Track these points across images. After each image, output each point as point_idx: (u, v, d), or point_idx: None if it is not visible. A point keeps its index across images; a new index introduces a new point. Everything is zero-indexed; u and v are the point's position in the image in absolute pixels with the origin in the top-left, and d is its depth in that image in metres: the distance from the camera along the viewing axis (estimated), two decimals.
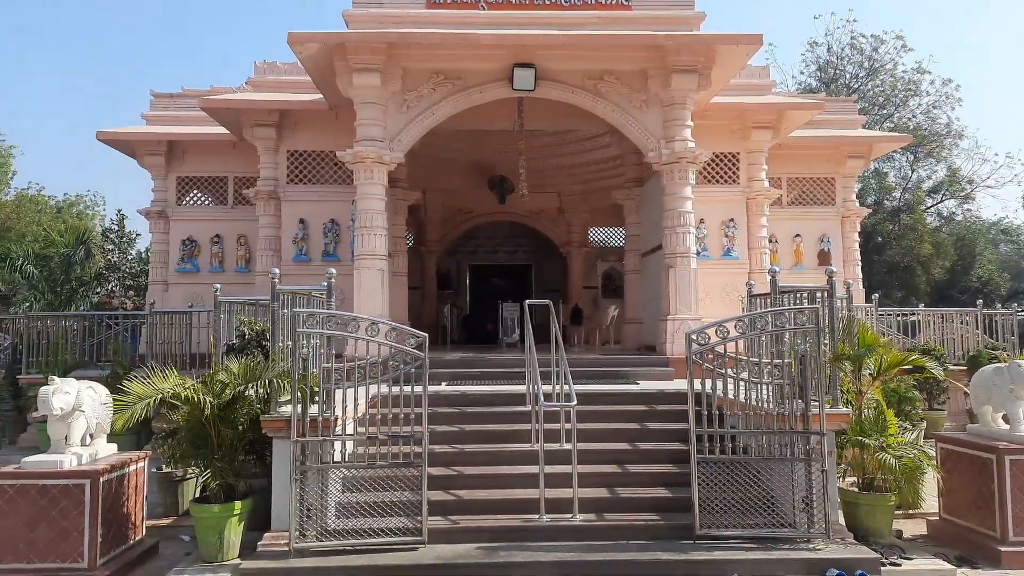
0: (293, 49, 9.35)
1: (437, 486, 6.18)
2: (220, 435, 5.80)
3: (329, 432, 5.77)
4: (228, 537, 5.55)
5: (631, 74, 10.13)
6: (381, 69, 9.54)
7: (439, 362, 9.12)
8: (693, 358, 5.90)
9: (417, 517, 5.64)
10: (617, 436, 7.05)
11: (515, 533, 5.74)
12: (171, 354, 10.46)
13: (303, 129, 12.10)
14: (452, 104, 10.05)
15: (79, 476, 5.41)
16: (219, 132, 12.82)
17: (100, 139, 13.33)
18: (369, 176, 9.79)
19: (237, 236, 13.58)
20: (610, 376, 9.09)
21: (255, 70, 12.49)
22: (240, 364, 6.20)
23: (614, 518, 5.94)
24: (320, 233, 12.08)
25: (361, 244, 9.90)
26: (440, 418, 7.15)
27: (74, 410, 5.60)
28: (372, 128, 9.76)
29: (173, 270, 13.64)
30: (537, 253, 19.87)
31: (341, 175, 11.81)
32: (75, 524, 5.34)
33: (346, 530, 5.61)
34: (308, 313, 6.00)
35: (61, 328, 11.77)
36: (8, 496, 5.35)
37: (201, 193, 13.95)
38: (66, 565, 5.32)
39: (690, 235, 10.02)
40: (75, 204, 39.27)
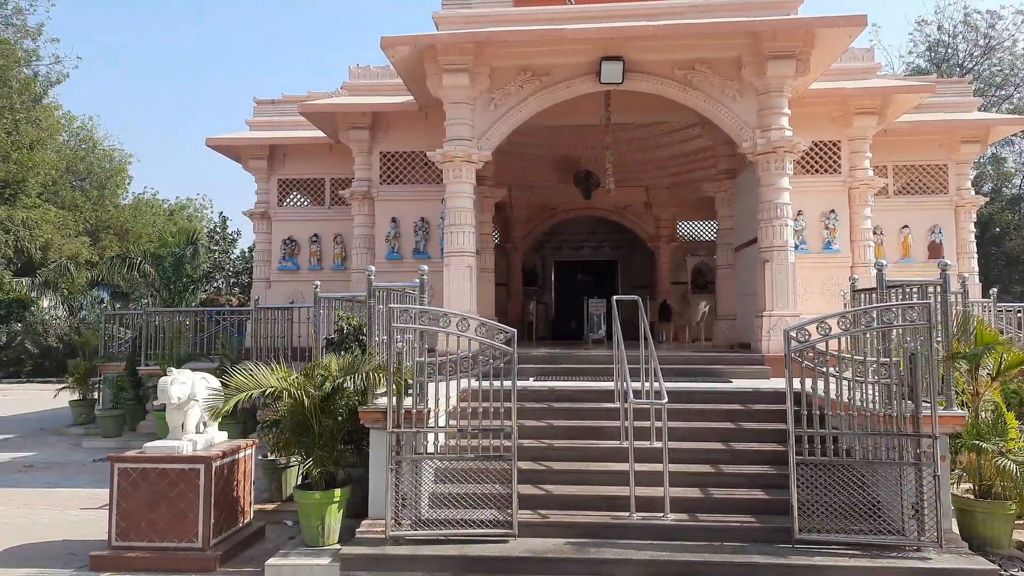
0: (385, 53, 9.63)
1: (526, 480, 6.22)
2: (321, 425, 6.06)
3: (423, 424, 5.93)
4: (329, 523, 5.79)
5: (723, 62, 9.83)
6: (469, 68, 9.67)
7: (526, 358, 9.18)
8: (792, 356, 5.68)
9: (507, 510, 5.71)
10: (710, 435, 6.87)
11: (605, 530, 5.71)
12: (273, 348, 11.02)
13: (395, 130, 12.44)
14: (539, 100, 10.07)
15: (195, 461, 5.79)
16: (317, 136, 13.38)
17: (209, 145, 14.19)
18: (458, 175, 9.95)
19: (334, 235, 14.14)
20: (702, 374, 8.87)
21: (350, 75, 12.94)
22: (339, 358, 6.48)
23: (707, 519, 5.81)
24: (411, 231, 12.39)
25: (450, 242, 10.08)
26: (528, 413, 7.19)
27: (189, 399, 6.01)
28: (460, 127, 9.92)
29: (275, 268, 14.34)
30: (623, 248, 19.63)
31: (431, 174, 12.07)
32: (191, 506, 5.72)
33: (439, 520, 5.75)
34: (402, 309, 6.18)
35: (174, 323, 12.63)
36: (132, 479, 5.79)
37: (300, 194, 14.60)
38: (183, 544, 5.70)
39: (787, 228, 9.63)
40: (185, 207, 42.01)
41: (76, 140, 36.32)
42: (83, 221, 32.38)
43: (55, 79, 34.19)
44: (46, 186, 30.46)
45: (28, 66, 32.26)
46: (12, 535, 6.57)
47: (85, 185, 35.02)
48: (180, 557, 5.63)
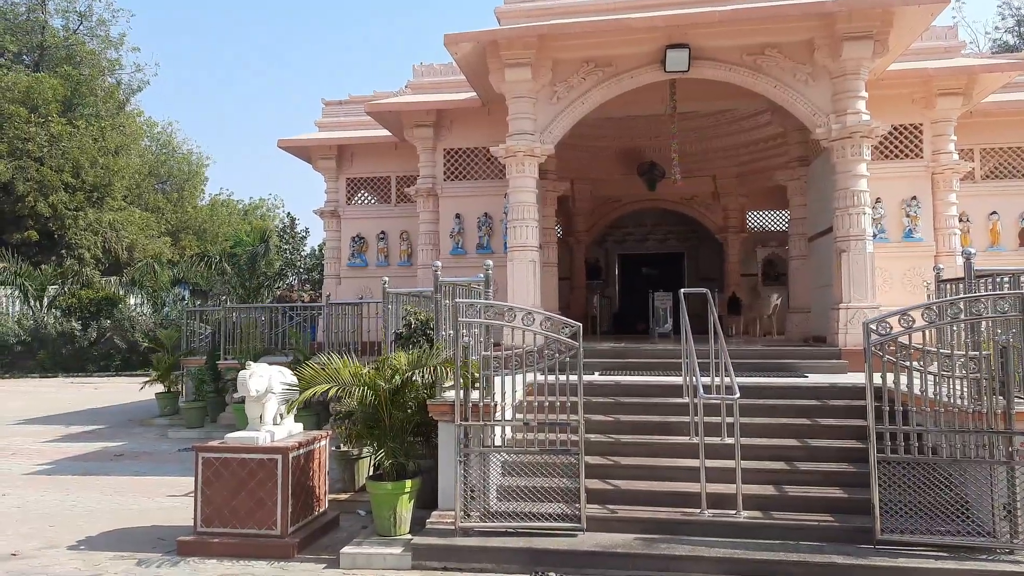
0: (448, 49, 9.71)
1: (594, 475, 6.20)
2: (391, 417, 6.19)
3: (490, 417, 5.98)
4: (400, 513, 5.91)
5: (795, 46, 9.48)
6: (532, 62, 9.65)
7: (591, 352, 9.12)
8: (872, 349, 5.44)
9: (575, 504, 5.70)
10: (784, 432, 6.67)
11: (675, 526, 5.62)
12: (344, 342, 11.33)
13: (458, 127, 12.55)
14: (602, 92, 9.96)
15: (272, 452, 6.00)
16: (382, 135, 13.63)
17: (281, 147, 14.65)
18: (521, 169, 9.96)
19: (400, 232, 14.40)
20: (774, 368, 8.62)
21: (414, 73, 13.12)
22: (407, 352, 6.60)
23: (782, 517, 5.64)
24: (474, 227, 12.47)
25: (514, 236, 10.10)
26: (595, 407, 7.15)
27: (267, 392, 6.23)
28: (523, 122, 9.91)
29: (344, 265, 14.71)
30: (690, 240, 19.24)
31: (493, 170, 12.12)
32: (269, 495, 5.94)
33: (507, 512, 5.78)
34: (468, 304, 6.25)
35: (250, 319, 13.12)
36: (214, 468, 6.05)
37: (367, 193, 14.92)
38: (262, 531, 5.92)
39: (865, 216, 9.22)
40: (258, 207, 43.59)
41: (157, 145, 38.20)
42: (164, 222, 34.07)
43: (136, 86, 36.06)
44: (130, 189, 32.14)
45: (112, 75, 34.13)
46: (107, 520, 6.98)
47: (166, 187, 36.81)
48: (260, 543, 5.85)
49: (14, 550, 6.06)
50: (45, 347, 23.97)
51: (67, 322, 24.16)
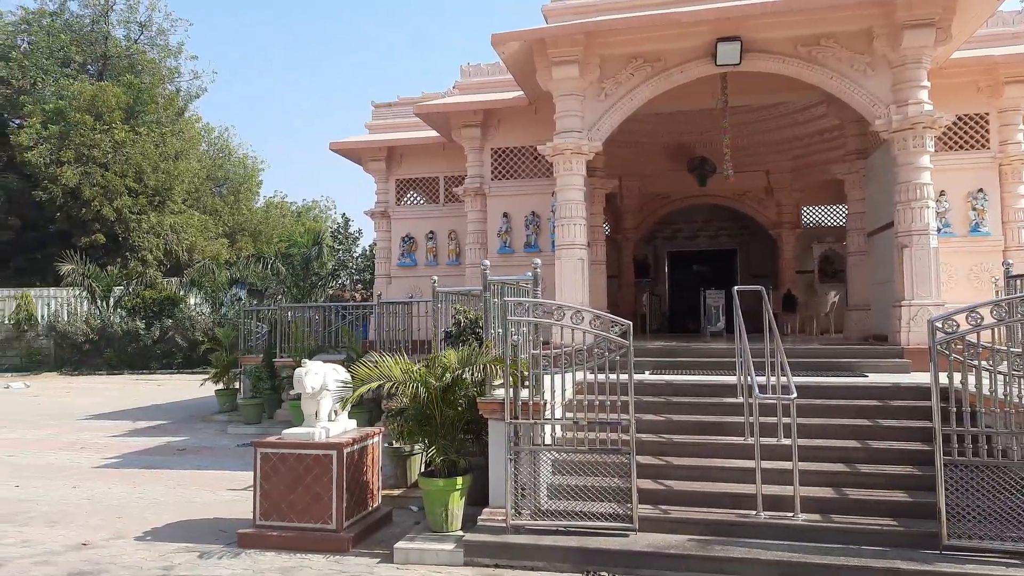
0: (496, 49, 9.74)
1: (645, 475, 6.13)
2: (442, 415, 6.25)
3: (539, 416, 5.98)
4: (452, 509, 5.97)
5: (852, 35, 9.19)
6: (579, 59, 9.60)
7: (641, 351, 9.02)
8: (938, 348, 5.24)
9: (627, 504, 5.65)
10: (843, 433, 6.48)
11: (730, 528, 5.52)
12: (395, 340, 11.48)
13: (505, 126, 12.58)
14: (651, 87, 9.84)
15: (327, 447, 6.12)
16: (431, 135, 13.78)
17: (332, 149, 14.95)
18: (568, 167, 9.92)
19: (448, 231, 14.53)
20: (832, 368, 8.38)
21: (461, 74, 13.22)
22: (457, 350, 6.66)
23: (842, 520, 5.48)
24: (522, 225, 12.49)
25: (561, 234, 10.07)
26: (646, 407, 7.08)
27: (322, 389, 6.36)
28: (570, 119, 9.87)
29: (395, 264, 14.92)
30: (742, 237, 18.86)
31: (541, 168, 12.12)
32: (325, 490, 6.06)
33: (558, 511, 5.78)
34: (517, 302, 6.25)
35: (305, 318, 13.42)
36: (272, 463, 6.21)
37: (416, 193, 15.10)
38: (318, 525, 6.05)
39: (928, 210, 8.88)
40: (312, 208, 44.57)
41: (214, 149, 39.43)
42: (222, 224, 35.15)
43: (194, 93, 37.29)
44: (190, 193, 33.26)
45: (171, 82, 35.38)
46: (171, 512, 7.24)
47: (223, 191, 37.96)
48: (316, 537, 5.98)
49: (85, 540, 6.34)
50: (111, 345, 25.03)
51: (131, 321, 25.18)
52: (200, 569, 5.56)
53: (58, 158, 27.50)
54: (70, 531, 6.62)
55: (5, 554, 5.96)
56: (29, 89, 29.26)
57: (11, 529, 6.69)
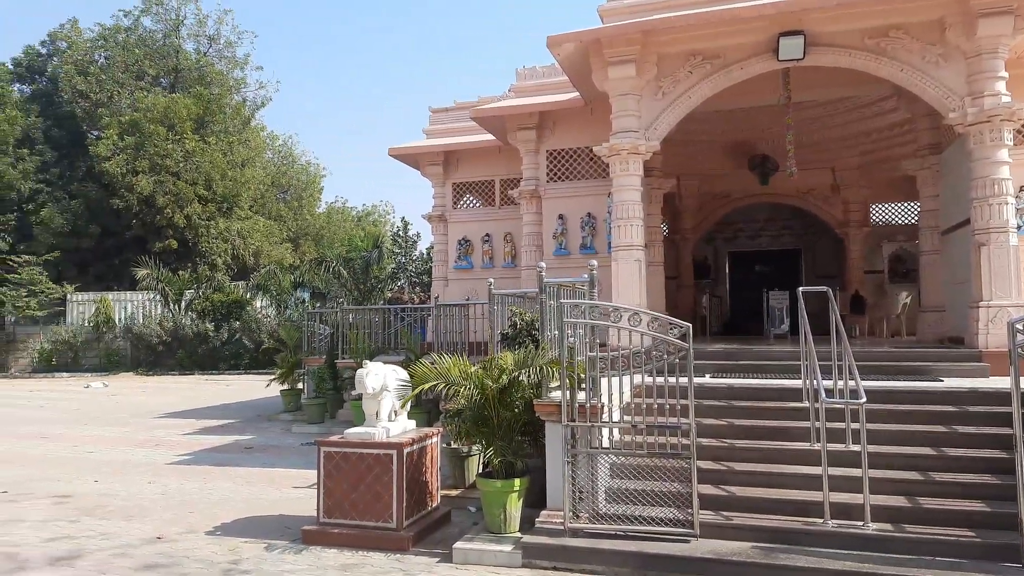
0: (551, 51, 9.74)
1: (706, 480, 6.01)
2: (499, 416, 6.27)
3: (596, 419, 5.93)
4: (509, 511, 5.98)
5: (923, 26, 8.81)
6: (636, 59, 9.49)
7: (701, 353, 8.84)
8: (1019, 351, 4.96)
9: (687, 509, 5.55)
10: (916, 439, 6.21)
11: (795, 536, 5.35)
12: (452, 342, 11.60)
13: (561, 128, 12.56)
14: (710, 85, 9.65)
15: (388, 447, 6.23)
16: (487, 139, 13.87)
17: (391, 155, 15.23)
18: (624, 168, 9.82)
19: (504, 234, 14.58)
20: (904, 372, 8.03)
21: (517, 76, 13.26)
22: (513, 352, 6.68)
23: (914, 530, 5.25)
24: (577, 227, 12.43)
25: (618, 236, 9.97)
26: (706, 411, 6.94)
27: (382, 389, 6.48)
28: (627, 119, 9.77)
29: (451, 267, 15.07)
30: (807, 236, 18.29)
31: (597, 169, 12.05)
32: (385, 489, 6.16)
33: (616, 515, 5.72)
34: (573, 304, 6.23)
35: (365, 320, 13.70)
36: (335, 462, 6.35)
37: (473, 196, 15.22)
38: (379, 524, 6.16)
39: (1007, 206, 8.42)
40: (371, 213, 45.48)
41: (278, 157, 40.70)
42: (286, 229, 36.26)
43: (260, 103, 38.58)
44: (256, 199, 34.43)
45: (238, 93, 36.70)
46: (239, 508, 7.50)
47: (287, 197, 39.15)
48: (377, 535, 6.08)
49: (159, 534, 6.62)
50: (183, 346, 26.12)
51: (202, 324, 26.22)
52: (266, 564, 5.74)
53: (134, 168, 28.89)
54: (145, 525, 6.93)
55: (86, 546, 6.28)
56: (106, 102, 30.82)
57: (91, 522, 7.05)
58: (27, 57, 32.72)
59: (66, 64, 31.34)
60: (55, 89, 31.54)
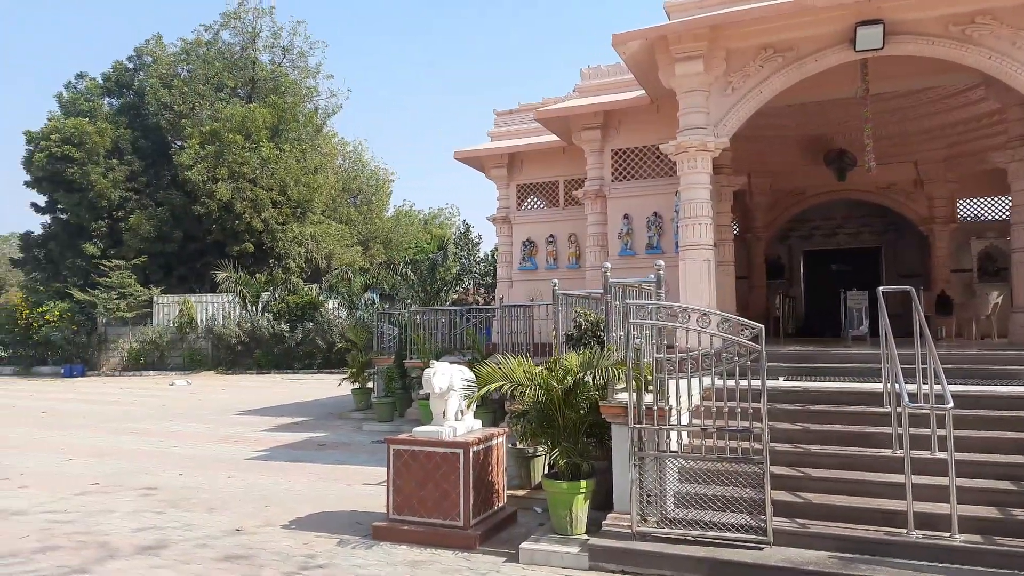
0: (616, 50, 9.65)
1: (780, 486, 5.83)
2: (564, 417, 6.25)
3: (664, 421, 5.83)
4: (576, 513, 5.96)
5: (1013, 10, 8.28)
6: (704, 54, 9.30)
7: (774, 355, 8.58)
8: None
9: (760, 516, 5.39)
10: (1008, 447, 5.86)
11: (876, 546, 5.12)
12: (516, 343, 11.63)
13: (626, 127, 12.42)
14: (782, 79, 9.35)
15: (455, 446, 6.30)
16: (551, 140, 13.86)
17: (457, 158, 15.41)
18: (692, 165, 9.62)
19: (568, 235, 14.52)
20: (994, 376, 7.56)
21: (581, 76, 13.20)
22: (578, 353, 6.65)
23: (1007, 543, 4.94)
24: (643, 227, 12.26)
25: (686, 235, 9.78)
26: (779, 415, 6.73)
27: (449, 389, 6.56)
28: (695, 116, 9.58)
29: (516, 268, 15.12)
30: (887, 233, 17.47)
31: (663, 168, 11.86)
32: (452, 487, 6.23)
33: (685, 520, 5.61)
34: (639, 305, 6.15)
35: (432, 321, 13.91)
36: (404, 459, 6.47)
37: (537, 197, 15.23)
38: (447, 522, 6.23)
39: None
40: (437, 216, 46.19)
41: (349, 163, 41.84)
42: (356, 233, 37.25)
43: (331, 111, 39.74)
44: (327, 204, 35.51)
45: (310, 101, 37.91)
46: (312, 503, 7.73)
47: (357, 201, 40.21)
48: (445, 533, 6.16)
49: (238, 526, 6.90)
50: (260, 346, 27.18)
51: (277, 324, 27.21)
52: (338, 558, 5.89)
53: (214, 175, 30.23)
54: (225, 517, 7.23)
55: (171, 536, 6.60)
56: (188, 113, 32.37)
57: (176, 513, 7.41)
58: (115, 72, 34.68)
59: (151, 78, 33.08)
60: (142, 102, 33.32)
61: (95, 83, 34.40)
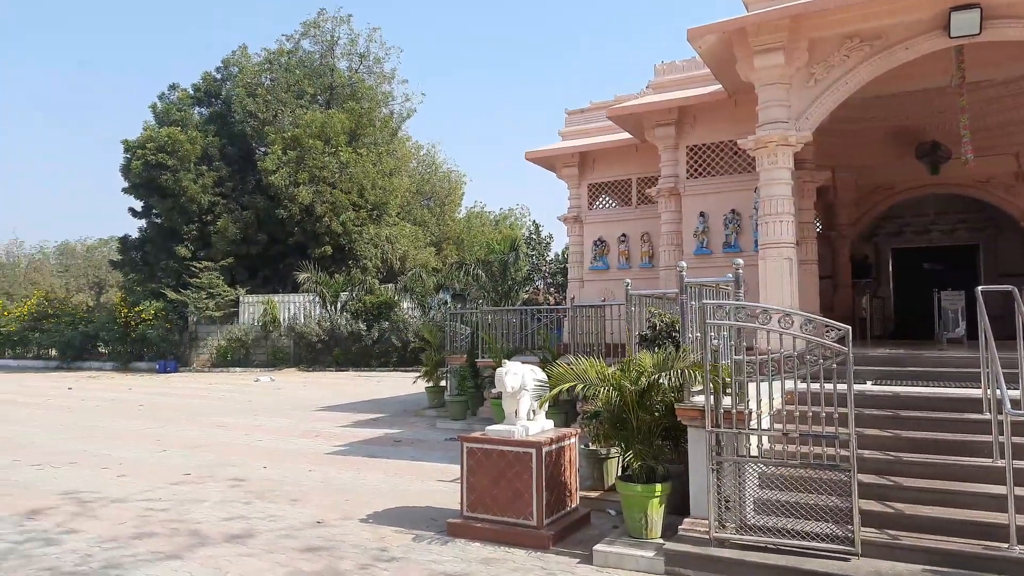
0: (692, 44, 9.44)
1: (868, 495, 5.56)
2: (638, 419, 6.16)
3: (743, 425, 5.66)
4: (651, 516, 5.86)
5: None
6: (784, 45, 8.97)
7: (861, 358, 8.18)
8: None
9: (847, 525, 5.16)
10: None
11: (972, 561, 4.82)
12: (588, 343, 11.55)
13: (701, 123, 12.14)
14: (870, 68, 8.91)
15: (527, 445, 6.30)
16: (623, 138, 13.70)
17: (528, 159, 15.45)
18: (773, 160, 9.29)
19: (641, 234, 14.33)
20: None
21: (655, 72, 13.00)
22: (652, 354, 6.53)
23: None
24: (720, 225, 11.96)
25: (766, 233, 9.46)
26: (868, 420, 6.42)
27: (521, 388, 6.57)
28: (775, 109, 9.25)
29: (587, 268, 15.03)
30: (986, 230, 16.40)
31: (741, 164, 11.54)
32: (525, 486, 6.24)
33: (765, 527, 5.43)
34: (717, 305, 5.99)
35: (502, 320, 13.99)
36: (477, 457, 6.52)
37: (608, 196, 15.09)
38: (520, 521, 6.24)
39: None
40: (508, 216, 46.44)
41: (422, 166, 42.62)
42: (429, 234, 37.91)
43: (406, 115, 40.58)
44: (402, 206, 36.28)
45: (386, 106, 38.82)
46: (388, 498, 7.91)
47: (430, 203, 40.92)
48: (518, 532, 6.18)
49: (319, 519, 7.13)
50: (339, 345, 28.06)
51: (355, 324, 28.02)
52: (414, 553, 6.00)
53: (295, 180, 31.40)
54: (307, 509, 7.49)
55: (257, 526, 6.89)
56: (271, 120, 33.72)
57: (261, 504, 7.73)
58: (205, 82, 36.50)
59: (237, 87, 34.64)
60: (228, 110, 34.94)
61: (186, 94, 36.29)
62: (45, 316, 36.30)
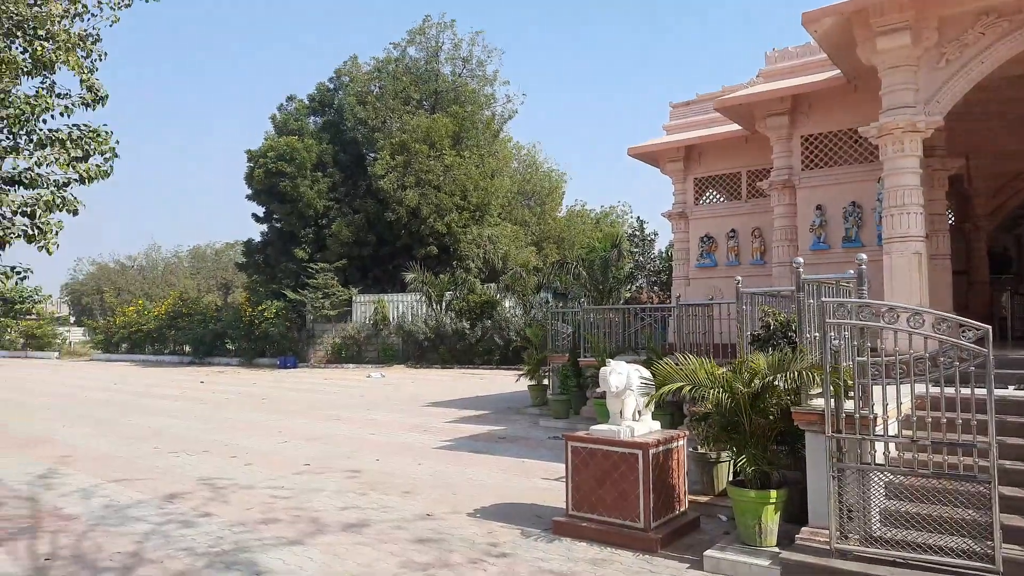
0: (807, 28, 8.98)
1: (1010, 508, 5.10)
2: (751, 423, 5.93)
3: (868, 431, 5.32)
4: (765, 523, 5.62)
5: None
6: (911, 25, 8.36)
7: (1002, 361, 7.47)
8: None
9: (986, 541, 4.74)
10: None
11: None
12: (694, 343, 11.23)
13: (816, 111, 11.53)
14: (1009, 46, 8.15)
15: (633, 446, 6.21)
16: (731, 130, 13.24)
17: (631, 154, 15.23)
18: (899, 148, 8.68)
19: (751, 229, 13.78)
20: None
21: (766, 60, 12.48)
22: (766, 355, 6.26)
23: None
24: (839, 218, 11.31)
25: (891, 226, 8.85)
26: (1009, 428, 5.90)
27: (626, 388, 6.48)
28: (901, 93, 8.64)
29: (693, 265, 14.63)
30: None
31: (861, 153, 10.87)
32: (631, 487, 6.15)
33: (893, 540, 5.07)
34: (838, 303, 5.67)
35: (604, 319, 13.84)
36: (582, 457, 6.49)
37: (715, 191, 14.63)
38: (626, 522, 6.15)
39: None
40: (609, 214, 46.01)
41: (523, 166, 42.95)
42: (530, 234, 38.16)
43: (507, 116, 41.01)
44: (503, 207, 36.70)
45: (488, 108, 39.41)
46: (494, 494, 8.02)
47: (530, 203, 41.17)
48: (624, 533, 6.09)
49: (428, 511, 7.33)
50: (444, 343, 28.78)
51: (459, 322, 28.66)
52: (521, 549, 6.05)
53: (403, 183, 32.48)
54: (416, 502, 7.72)
55: (371, 517, 7.17)
56: (380, 127, 35.03)
57: (375, 496, 8.04)
58: (319, 93, 38.46)
59: (348, 96, 36.24)
60: (341, 118, 36.62)
61: (302, 104, 38.36)
62: (180, 315, 39.54)
